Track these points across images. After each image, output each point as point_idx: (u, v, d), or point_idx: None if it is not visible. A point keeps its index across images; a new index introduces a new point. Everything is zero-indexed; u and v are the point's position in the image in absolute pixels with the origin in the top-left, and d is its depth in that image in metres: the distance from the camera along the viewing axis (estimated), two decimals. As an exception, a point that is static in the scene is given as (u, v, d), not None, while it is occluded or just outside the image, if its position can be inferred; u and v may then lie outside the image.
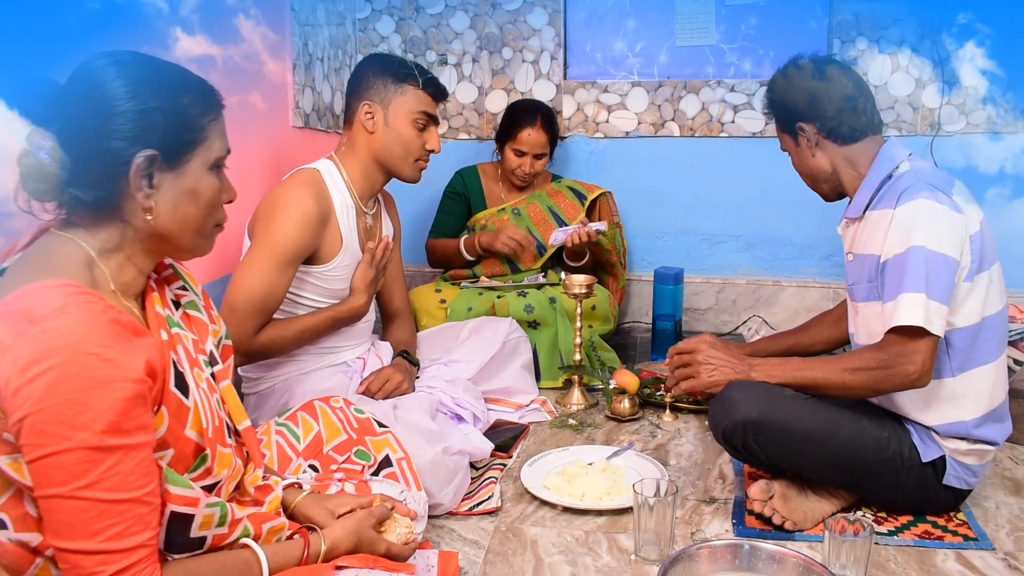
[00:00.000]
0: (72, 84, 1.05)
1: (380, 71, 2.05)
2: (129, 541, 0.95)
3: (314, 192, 1.95)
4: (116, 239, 1.09)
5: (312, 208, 1.92)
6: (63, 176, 1.03)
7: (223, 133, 1.16)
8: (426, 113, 2.06)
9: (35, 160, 1.02)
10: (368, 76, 2.06)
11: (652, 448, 2.18)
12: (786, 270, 3.28)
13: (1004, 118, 2.97)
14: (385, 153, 2.05)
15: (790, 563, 1.40)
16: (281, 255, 1.89)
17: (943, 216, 1.60)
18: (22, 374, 0.90)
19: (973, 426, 1.67)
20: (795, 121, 1.79)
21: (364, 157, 2.06)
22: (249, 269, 1.88)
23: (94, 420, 0.91)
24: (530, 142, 2.87)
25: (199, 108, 1.11)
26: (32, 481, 0.94)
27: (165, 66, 1.11)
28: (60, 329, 0.92)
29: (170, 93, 1.08)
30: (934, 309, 1.57)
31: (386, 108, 2.04)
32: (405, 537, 1.36)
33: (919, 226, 1.60)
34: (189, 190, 1.11)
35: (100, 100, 1.03)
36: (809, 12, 3.12)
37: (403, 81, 2.04)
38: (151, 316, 1.14)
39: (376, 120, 2.03)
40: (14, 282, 0.99)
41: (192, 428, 1.10)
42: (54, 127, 1.03)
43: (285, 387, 2.03)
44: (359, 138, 2.06)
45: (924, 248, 1.58)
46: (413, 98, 2.04)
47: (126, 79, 1.04)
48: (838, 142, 1.77)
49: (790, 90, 1.80)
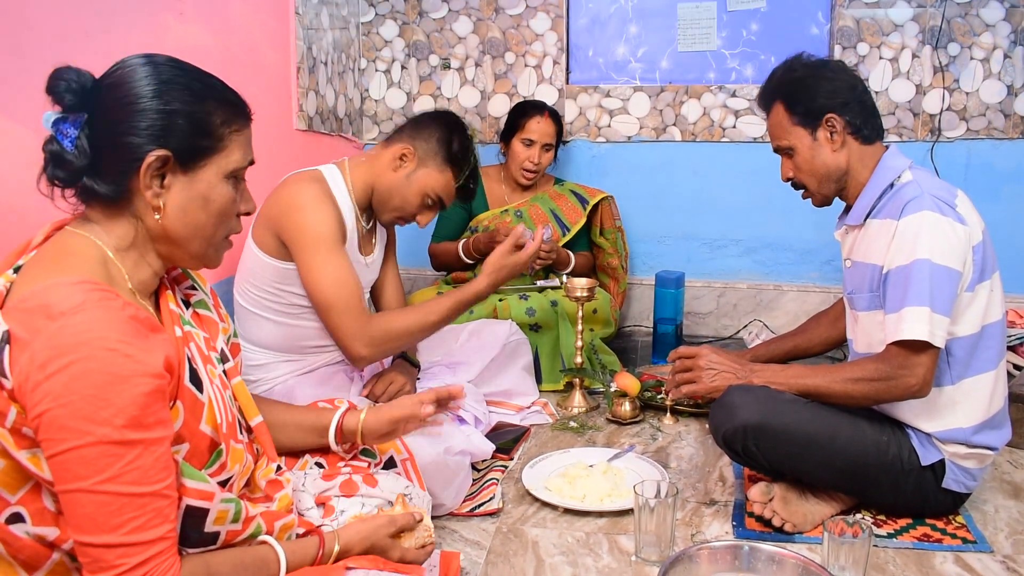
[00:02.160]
0: (104, 78, 1.08)
1: (442, 138, 2.06)
2: (150, 534, 0.95)
3: (323, 188, 1.99)
4: (130, 236, 1.10)
5: (324, 194, 1.97)
6: (81, 165, 1.05)
7: (246, 145, 1.16)
8: (441, 200, 2.09)
9: (58, 147, 1.05)
10: (432, 130, 2.06)
11: (653, 450, 2.19)
12: (787, 274, 3.29)
13: (1004, 124, 2.99)
14: (387, 194, 2.06)
15: (789, 564, 1.41)
16: (327, 241, 1.91)
17: (947, 229, 1.61)
18: (42, 370, 0.91)
19: (971, 433, 1.68)
20: (826, 112, 1.75)
21: (372, 179, 2.07)
22: (314, 269, 1.90)
23: (115, 415, 0.92)
24: (539, 130, 2.89)
25: (222, 117, 1.12)
26: (53, 476, 0.95)
27: (196, 72, 1.12)
28: (79, 325, 0.93)
29: (194, 98, 1.09)
30: (938, 322, 1.58)
31: (419, 166, 2.05)
32: (423, 540, 1.34)
33: (924, 239, 1.60)
34: (200, 196, 1.12)
35: (126, 96, 1.06)
36: (810, 18, 3.14)
37: (448, 164, 2.05)
38: (165, 313, 1.16)
39: (404, 167, 2.05)
40: (31, 279, 1.00)
41: (207, 423, 1.11)
42: (82, 118, 1.05)
43: (286, 388, 2.03)
44: (382, 163, 2.06)
45: (929, 261, 1.59)
46: (443, 182, 2.06)
47: (155, 79, 1.07)
48: (860, 140, 1.76)
49: (822, 79, 1.76)
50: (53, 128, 1.06)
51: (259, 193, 2.44)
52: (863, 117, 1.75)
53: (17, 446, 0.95)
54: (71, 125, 1.05)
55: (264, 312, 2.02)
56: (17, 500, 0.99)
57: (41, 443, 0.93)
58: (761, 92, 1.86)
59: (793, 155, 1.82)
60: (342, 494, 1.42)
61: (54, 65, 1.06)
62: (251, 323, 2.05)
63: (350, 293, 1.91)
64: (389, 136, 2.13)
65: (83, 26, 1.72)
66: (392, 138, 2.11)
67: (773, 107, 1.83)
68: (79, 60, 1.07)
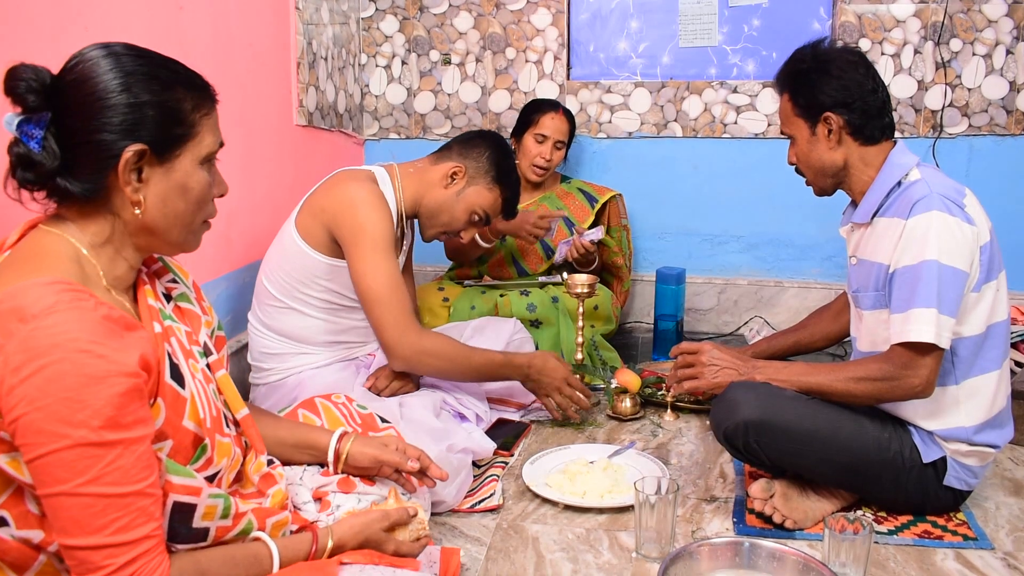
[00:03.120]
0: (64, 74, 1.04)
1: (492, 157, 2.13)
2: (135, 533, 0.95)
3: (377, 189, 2.03)
4: (106, 232, 1.09)
5: (382, 199, 2.01)
6: (53, 167, 1.02)
7: (215, 127, 1.14)
8: (488, 216, 2.16)
9: (25, 149, 1.02)
10: (481, 149, 2.14)
11: (653, 447, 2.19)
12: (788, 271, 3.29)
13: (1006, 120, 2.98)
14: (437, 209, 2.12)
15: (790, 561, 1.41)
16: (383, 242, 1.96)
17: (955, 229, 1.60)
18: (15, 373, 0.90)
19: (974, 432, 1.68)
20: (824, 109, 1.73)
21: (422, 193, 2.12)
22: (369, 266, 1.94)
23: (92, 416, 0.91)
24: (552, 127, 2.88)
25: (191, 102, 1.10)
26: (34, 480, 0.94)
27: (158, 59, 1.09)
28: (52, 328, 0.92)
29: (162, 87, 1.07)
30: (944, 323, 1.57)
31: (468, 184, 2.12)
32: (417, 533, 1.34)
33: (932, 239, 1.59)
34: (179, 185, 1.10)
35: (92, 92, 1.03)
36: (812, 14, 3.13)
37: (497, 183, 2.14)
38: (143, 309, 1.14)
39: (455, 185, 2.11)
40: (5, 280, 0.98)
41: (190, 419, 1.10)
42: (45, 117, 1.02)
43: (297, 381, 2.04)
44: (432, 178, 2.12)
45: (937, 262, 1.58)
46: (491, 199, 2.15)
47: (119, 71, 1.04)
48: (860, 141, 1.74)
49: (827, 75, 1.72)
50: (17, 130, 1.02)
51: (261, 189, 2.45)
52: (865, 118, 1.72)
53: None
54: (35, 126, 1.02)
55: (296, 304, 2.05)
56: (0, 504, 0.99)
57: (19, 447, 0.92)
58: (777, 75, 1.84)
59: (794, 144, 1.82)
60: (339, 490, 1.42)
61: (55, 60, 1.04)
62: (279, 313, 2.06)
63: (404, 295, 1.97)
64: (436, 152, 2.19)
65: (83, 21, 1.71)
66: (441, 155, 2.16)
67: (783, 93, 1.82)
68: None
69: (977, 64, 2.99)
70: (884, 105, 1.75)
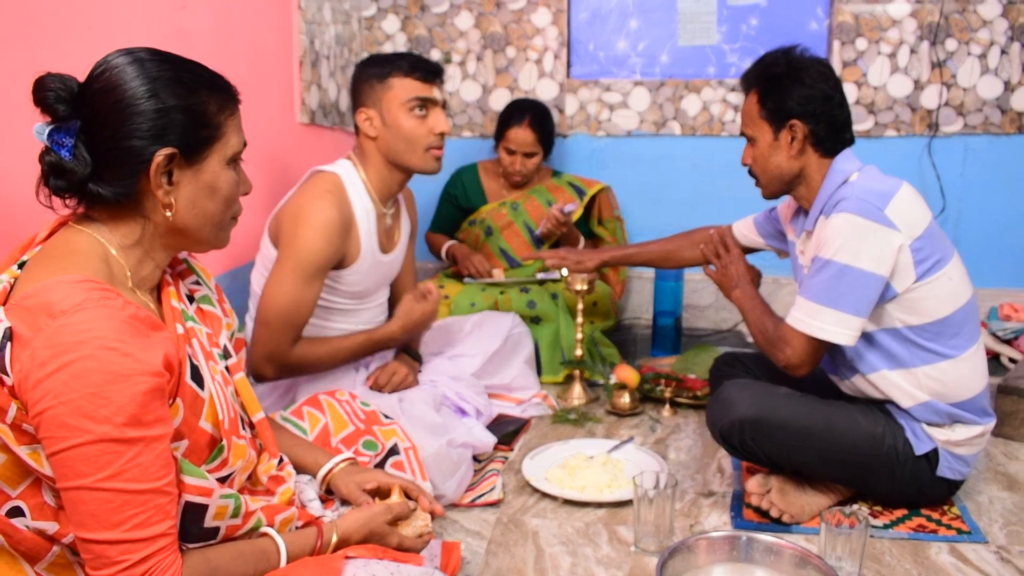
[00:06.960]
0: (92, 82, 1.06)
1: (364, 75, 2.04)
2: (151, 530, 0.96)
3: (336, 200, 1.95)
4: (136, 234, 1.11)
5: (335, 218, 1.92)
6: (84, 174, 1.04)
7: (239, 127, 1.17)
8: (419, 98, 2.00)
9: (56, 158, 1.04)
10: (357, 84, 2.06)
11: (652, 442, 2.21)
12: (784, 268, 3.29)
13: (1001, 120, 3.00)
14: (393, 152, 2.03)
15: (787, 555, 1.42)
16: (308, 267, 1.90)
17: (867, 232, 1.61)
18: (42, 368, 0.92)
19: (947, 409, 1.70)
20: (791, 116, 1.74)
21: (377, 161, 2.06)
22: (278, 284, 1.89)
23: (115, 413, 0.93)
24: (518, 141, 2.91)
25: (216, 104, 1.12)
26: (54, 473, 0.95)
27: (182, 63, 1.12)
28: (79, 324, 0.93)
29: (187, 91, 1.09)
30: (829, 317, 1.63)
31: (380, 109, 2.01)
32: (420, 530, 1.35)
33: (839, 241, 1.63)
34: (208, 185, 1.13)
35: (120, 99, 1.04)
36: (810, 13, 3.15)
37: (387, 76, 2.00)
38: (167, 310, 1.16)
39: (375, 123, 2.02)
40: (35, 276, 1.00)
41: (207, 420, 1.11)
42: (75, 126, 1.04)
43: (293, 380, 2.05)
44: (367, 145, 2.06)
45: (837, 262, 1.62)
46: (400, 88, 2.00)
47: (145, 78, 1.06)
48: (820, 152, 1.76)
49: (798, 83, 1.73)
50: (48, 139, 1.04)
51: (264, 187, 2.47)
52: (829, 130, 1.73)
53: (17, 442, 0.96)
54: (65, 134, 1.04)
55: None
56: (17, 494, 1.00)
57: (42, 441, 0.94)
58: (744, 74, 1.85)
59: (754, 145, 1.83)
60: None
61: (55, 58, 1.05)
62: None
63: (296, 321, 1.91)
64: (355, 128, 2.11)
65: (87, 19, 1.73)
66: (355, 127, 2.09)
67: (750, 93, 1.83)
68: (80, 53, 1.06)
69: (972, 64, 3.01)
70: (847, 119, 1.77)
